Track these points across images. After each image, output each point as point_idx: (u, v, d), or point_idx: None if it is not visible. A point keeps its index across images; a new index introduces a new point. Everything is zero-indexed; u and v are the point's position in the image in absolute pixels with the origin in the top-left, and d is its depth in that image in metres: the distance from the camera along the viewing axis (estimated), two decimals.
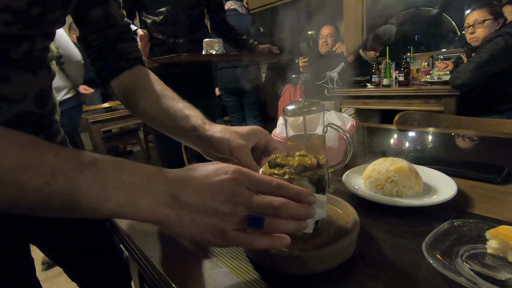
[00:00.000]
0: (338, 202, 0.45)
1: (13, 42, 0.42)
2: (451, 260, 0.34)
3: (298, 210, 0.32)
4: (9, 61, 0.43)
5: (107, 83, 0.59)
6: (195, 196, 0.31)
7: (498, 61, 1.60)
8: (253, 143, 0.47)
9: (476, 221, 0.39)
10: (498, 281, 0.31)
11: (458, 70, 1.76)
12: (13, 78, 0.44)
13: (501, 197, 0.50)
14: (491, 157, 0.74)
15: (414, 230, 0.42)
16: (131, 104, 0.58)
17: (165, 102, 0.55)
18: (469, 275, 0.31)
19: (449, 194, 0.46)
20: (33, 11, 0.41)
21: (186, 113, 0.53)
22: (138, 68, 0.60)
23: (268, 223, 0.31)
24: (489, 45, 1.61)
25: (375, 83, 2.33)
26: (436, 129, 0.99)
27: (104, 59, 0.58)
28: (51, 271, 1.65)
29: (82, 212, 0.30)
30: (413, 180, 0.49)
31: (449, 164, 0.63)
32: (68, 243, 0.66)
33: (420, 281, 0.33)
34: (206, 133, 0.49)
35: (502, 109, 1.70)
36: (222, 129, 0.48)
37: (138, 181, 0.31)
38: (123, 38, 0.59)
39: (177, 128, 0.53)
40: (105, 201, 0.29)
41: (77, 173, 0.29)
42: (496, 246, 0.34)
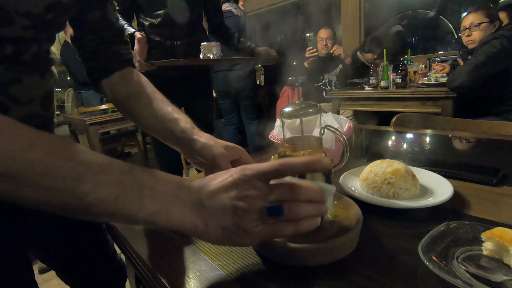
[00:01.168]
0: (341, 198, 0.46)
1: (25, 45, 0.44)
2: (447, 262, 0.34)
3: (314, 191, 0.32)
4: (21, 63, 0.45)
5: (98, 82, 0.61)
6: (214, 198, 0.32)
7: (494, 63, 1.62)
8: (233, 157, 0.52)
9: (472, 223, 0.39)
10: (493, 283, 0.31)
11: (455, 72, 1.77)
12: (24, 80, 0.46)
13: (496, 198, 0.50)
14: (487, 159, 0.75)
15: (410, 232, 0.42)
16: (120, 103, 0.60)
17: (155, 105, 0.57)
18: (465, 277, 0.32)
19: (445, 196, 0.46)
20: (48, 16, 0.43)
21: (175, 116, 0.56)
22: (129, 70, 0.62)
23: (289, 208, 0.31)
24: (486, 47, 1.63)
25: (372, 85, 2.34)
26: (433, 131, 1.00)
27: (96, 59, 0.59)
28: (47, 274, 1.64)
29: (116, 218, 0.32)
30: (409, 182, 0.49)
31: (445, 166, 0.63)
32: (61, 246, 0.66)
33: (416, 283, 0.33)
34: (193, 137, 0.52)
35: (499, 111, 1.71)
36: (209, 137, 0.52)
37: (169, 190, 0.32)
38: (117, 41, 0.61)
39: (163, 129, 0.56)
40: (141, 209, 0.31)
41: (117, 183, 0.30)
42: (491, 248, 0.34)
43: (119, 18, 0.62)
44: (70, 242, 0.66)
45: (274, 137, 0.70)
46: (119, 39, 0.61)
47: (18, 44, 0.43)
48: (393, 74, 2.24)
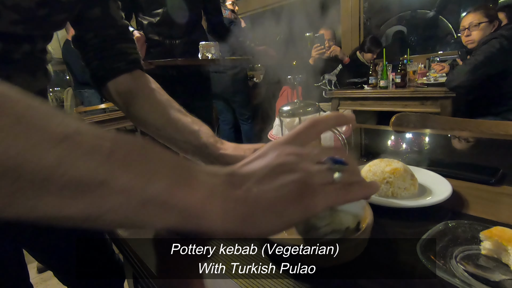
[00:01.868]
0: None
1: (16, 43, 0.42)
2: (446, 261, 0.34)
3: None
4: (11, 61, 0.43)
5: (103, 84, 0.57)
6: (252, 164, 0.25)
7: (493, 63, 1.62)
8: None
9: (470, 222, 0.39)
10: (492, 282, 0.31)
11: (454, 72, 1.77)
12: (13, 80, 0.44)
13: (495, 198, 0.50)
14: (486, 158, 0.75)
15: (409, 232, 0.42)
16: (130, 109, 0.57)
17: (173, 114, 0.54)
18: (463, 276, 0.31)
19: (444, 195, 0.46)
20: (41, 12, 0.40)
21: (196, 128, 0.52)
22: (140, 74, 0.58)
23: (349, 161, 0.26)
24: (485, 47, 1.63)
25: (372, 85, 2.34)
26: (432, 131, 1.00)
27: (101, 59, 0.56)
28: (46, 274, 1.64)
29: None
30: (408, 181, 0.49)
31: (444, 165, 0.63)
32: (58, 246, 0.65)
33: (414, 282, 0.33)
34: (219, 151, 0.49)
35: (498, 111, 1.71)
36: (235, 147, 0.49)
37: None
38: (122, 38, 0.57)
39: (184, 142, 0.52)
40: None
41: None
42: (490, 247, 0.34)
43: (123, 16, 0.59)
44: (66, 242, 0.66)
45: (272, 136, 0.69)
46: (124, 37, 0.58)
47: (7, 41, 0.40)
48: (393, 74, 2.24)
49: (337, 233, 0.34)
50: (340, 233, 0.34)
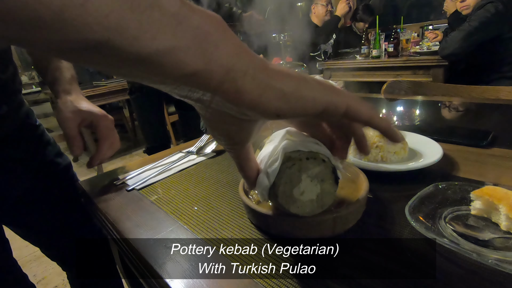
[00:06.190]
0: (349, 167, 0.43)
1: None
2: (434, 222, 0.33)
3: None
4: None
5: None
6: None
7: (488, 29, 1.57)
8: (84, 123, 0.54)
9: (460, 184, 0.38)
10: (481, 241, 0.30)
11: (447, 39, 1.72)
12: None
13: (486, 160, 0.49)
14: (476, 123, 0.74)
15: (398, 195, 0.41)
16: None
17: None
18: (451, 236, 0.30)
19: (434, 158, 0.45)
20: None
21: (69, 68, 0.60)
22: None
23: None
24: (479, 12, 1.57)
25: (364, 54, 2.29)
26: (423, 97, 0.98)
27: None
28: (39, 251, 1.64)
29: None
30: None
31: (436, 130, 0.62)
32: (42, 222, 0.63)
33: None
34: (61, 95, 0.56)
35: (489, 79, 1.69)
36: (74, 99, 0.55)
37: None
38: None
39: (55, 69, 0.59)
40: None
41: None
42: (480, 207, 0.33)
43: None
44: (50, 218, 0.64)
45: None
46: None
47: None
48: (385, 43, 2.18)
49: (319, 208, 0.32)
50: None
